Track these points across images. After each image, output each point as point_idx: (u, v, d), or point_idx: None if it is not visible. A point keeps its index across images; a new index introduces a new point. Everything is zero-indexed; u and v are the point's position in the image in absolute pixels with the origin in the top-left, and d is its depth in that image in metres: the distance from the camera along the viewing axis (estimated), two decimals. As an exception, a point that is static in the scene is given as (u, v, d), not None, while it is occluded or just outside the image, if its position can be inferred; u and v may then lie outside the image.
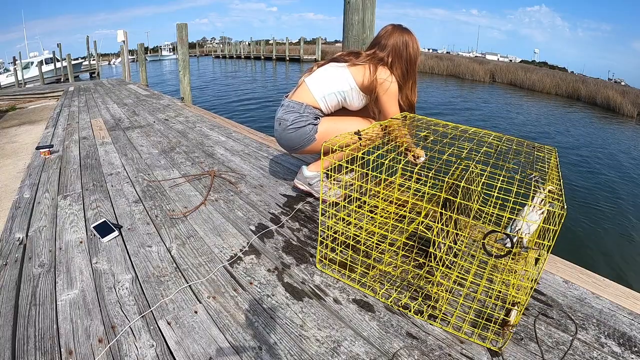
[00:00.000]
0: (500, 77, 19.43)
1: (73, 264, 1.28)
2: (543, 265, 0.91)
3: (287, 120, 1.53)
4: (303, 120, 1.52)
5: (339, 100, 1.58)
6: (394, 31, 1.52)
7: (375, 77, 1.47)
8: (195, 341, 0.94)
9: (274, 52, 31.77)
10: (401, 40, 1.49)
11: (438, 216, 1.02)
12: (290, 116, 1.53)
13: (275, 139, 1.72)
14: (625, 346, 0.93)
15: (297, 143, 1.56)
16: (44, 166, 2.39)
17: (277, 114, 1.63)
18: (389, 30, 1.53)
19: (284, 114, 1.56)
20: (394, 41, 1.49)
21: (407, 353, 0.90)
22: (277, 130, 1.61)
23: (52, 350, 0.92)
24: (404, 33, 1.51)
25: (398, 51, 1.49)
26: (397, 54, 1.50)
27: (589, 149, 7.67)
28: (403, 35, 1.50)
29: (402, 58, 1.50)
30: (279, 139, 1.65)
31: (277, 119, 1.61)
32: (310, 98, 1.55)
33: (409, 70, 1.53)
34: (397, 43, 1.49)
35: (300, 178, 1.74)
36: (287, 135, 1.56)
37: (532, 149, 1.21)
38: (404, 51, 1.49)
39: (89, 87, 7.90)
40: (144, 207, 1.72)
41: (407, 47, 1.49)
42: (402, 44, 1.49)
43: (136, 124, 3.65)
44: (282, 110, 1.59)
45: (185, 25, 5.29)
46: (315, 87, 1.55)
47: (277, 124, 1.61)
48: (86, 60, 23.73)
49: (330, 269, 1.23)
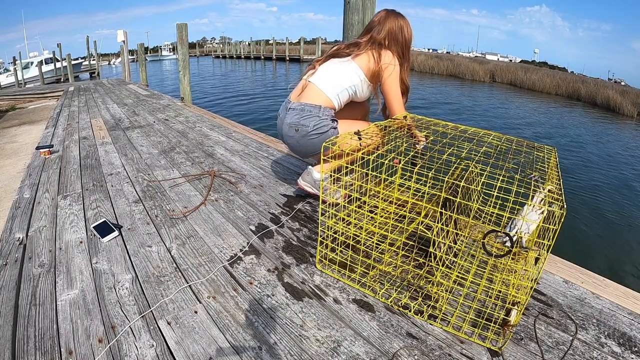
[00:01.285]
0: (500, 77, 19.42)
1: (73, 264, 1.28)
2: (543, 265, 0.91)
3: (307, 126, 1.47)
4: (324, 125, 1.48)
5: (350, 94, 1.56)
6: (388, 16, 1.52)
7: (380, 63, 1.48)
8: (195, 341, 0.94)
9: (274, 52, 31.78)
10: (396, 24, 1.50)
11: (438, 216, 1.02)
12: (311, 121, 1.47)
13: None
14: (625, 346, 0.93)
15: (319, 148, 1.48)
16: (44, 166, 2.39)
17: (286, 118, 1.53)
18: (383, 15, 1.53)
19: (302, 119, 1.48)
20: (389, 26, 1.50)
21: (407, 353, 0.90)
22: (293, 137, 1.52)
23: (52, 350, 0.92)
24: (398, 17, 1.52)
25: (394, 35, 1.50)
26: (393, 38, 1.51)
27: (589, 149, 7.67)
28: (397, 20, 1.51)
29: (397, 42, 1.51)
30: (295, 145, 1.56)
31: (291, 124, 1.51)
32: (324, 98, 1.51)
33: (404, 54, 1.54)
34: (392, 27, 1.50)
35: (307, 180, 1.65)
36: (308, 141, 1.49)
37: (532, 148, 1.21)
38: (400, 35, 1.50)
39: (89, 87, 7.90)
40: (144, 207, 1.72)
41: (402, 31, 1.50)
42: (398, 28, 1.50)
43: (136, 124, 3.65)
44: (296, 115, 1.50)
45: (185, 25, 5.29)
46: (326, 86, 1.51)
47: (291, 130, 1.51)
48: (86, 60, 23.73)
49: (330, 269, 1.23)
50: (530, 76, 18.07)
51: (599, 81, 18.16)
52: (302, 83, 1.59)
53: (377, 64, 1.48)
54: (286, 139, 1.59)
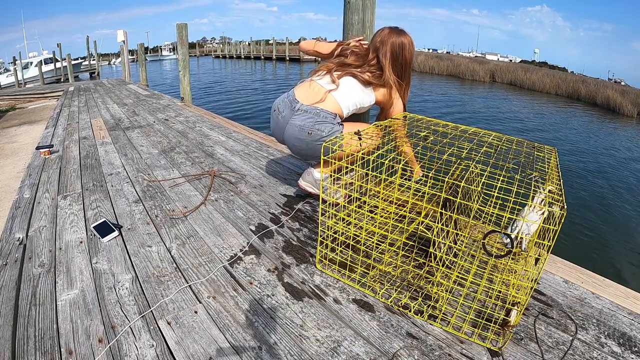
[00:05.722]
0: (500, 77, 19.43)
1: (73, 264, 1.28)
2: (543, 265, 0.91)
3: (322, 132, 1.50)
4: (336, 131, 1.52)
5: (357, 108, 1.65)
6: (390, 35, 1.55)
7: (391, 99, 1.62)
8: (195, 341, 0.94)
9: (274, 52, 31.77)
10: (398, 44, 1.55)
11: (438, 216, 1.02)
12: (326, 127, 1.50)
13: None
14: (625, 346, 0.93)
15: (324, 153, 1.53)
16: (44, 166, 2.39)
17: (294, 119, 1.53)
18: (386, 33, 1.56)
19: (317, 124, 1.50)
20: (391, 47, 1.55)
21: (407, 353, 0.90)
22: (304, 140, 1.52)
23: (52, 350, 0.92)
24: (400, 36, 1.56)
25: (394, 55, 1.56)
26: (393, 58, 1.56)
27: (589, 149, 7.67)
28: (400, 38, 1.55)
29: (397, 62, 1.57)
30: (303, 148, 1.57)
31: (303, 126, 1.51)
32: (338, 109, 1.57)
33: (403, 74, 1.61)
34: (394, 48, 1.55)
35: (308, 180, 1.67)
36: (318, 145, 1.51)
37: (532, 148, 1.21)
38: (400, 55, 1.57)
39: (89, 87, 7.90)
40: (144, 207, 1.72)
41: (403, 51, 1.56)
42: (399, 48, 1.55)
43: (136, 124, 3.65)
44: (309, 119, 1.51)
45: (185, 25, 5.29)
46: (344, 101, 1.57)
47: (302, 133, 1.51)
48: (86, 60, 23.73)
49: (330, 269, 1.23)
50: (530, 76, 18.07)
51: (599, 81, 18.15)
52: (315, 86, 1.58)
53: (389, 100, 1.62)
54: (291, 140, 1.57)
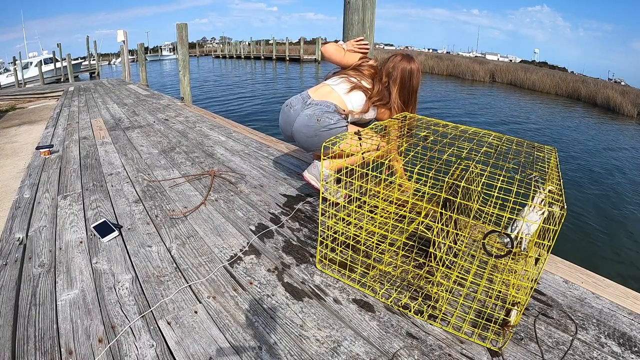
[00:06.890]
0: (500, 77, 19.41)
1: (73, 264, 1.28)
2: (543, 265, 0.91)
3: (331, 119, 1.60)
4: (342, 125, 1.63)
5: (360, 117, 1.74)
6: (402, 62, 1.66)
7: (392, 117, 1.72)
8: (195, 341, 0.94)
9: (274, 52, 31.75)
10: (408, 71, 1.66)
11: (438, 216, 1.02)
12: (334, 116, 1.62)
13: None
14: (625, 346, 0.93)
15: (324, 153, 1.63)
16: (44, 166, 2.39)
17: (306, 110, 1.64)
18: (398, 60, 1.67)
19: (327, 113, 1.61)
20: (401, 73, 1.66)
21: (407, 353, 0.90)
22: (312, 127, 1.61)
23: (52, 350, 0.92)
24: (410, 63, 1.67)
25: (403, 81, 1.67)
26: (402, 84, 1.67)
27: (589, 149, 7.67)
28: (410, 65, 1.66)
29: (405, 88, 1.67)
30: (310, 136, 1.65)
31: (312, 115, 1.62)
32: (346, 108, 1.69)
33: (409, 99, 1.70)
34: (404, 75, 1.66)
35: (314, 173, 1.72)
36: (325, 133, 1.60)
37: (532, 148, 1.21)
38: (408, 82, 1.67)
39: (89, 87, 7.90)
40: (144, 207, 1.72)
41: (411, 78, 1.67)
42: (408, 75, 1.66)
43: (136, 124, 3.65)
44: (318, 109, 1.62)
45: (185, 25, 5.29)
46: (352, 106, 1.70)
47: (312, 120, 1.61)
48: (86, 60, 23.72)
49: (330, 269, 1.23)
50: (530, 76, 18.06)
51: (599, 81, 18.14)
52: (328, 88, 1.70)
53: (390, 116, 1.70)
54: (300, 128, 1.65)
